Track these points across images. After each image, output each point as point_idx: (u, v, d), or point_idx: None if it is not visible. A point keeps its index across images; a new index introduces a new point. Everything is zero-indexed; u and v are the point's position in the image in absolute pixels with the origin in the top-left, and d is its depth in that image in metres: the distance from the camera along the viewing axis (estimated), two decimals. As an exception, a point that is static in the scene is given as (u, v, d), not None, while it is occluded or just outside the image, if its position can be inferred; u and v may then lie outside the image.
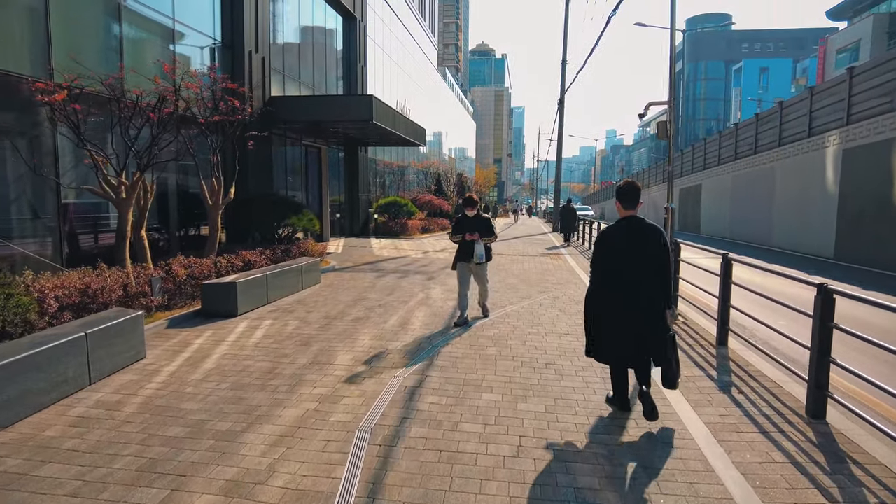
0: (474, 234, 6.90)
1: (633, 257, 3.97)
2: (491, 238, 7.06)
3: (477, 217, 7.09)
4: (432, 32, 43.03)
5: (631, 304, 3.96)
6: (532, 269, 12.52)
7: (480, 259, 6.88)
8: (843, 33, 62.14)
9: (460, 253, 7.07)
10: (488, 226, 7.05)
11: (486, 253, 7.05)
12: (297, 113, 13.55)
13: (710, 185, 26.94)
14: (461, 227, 7.04)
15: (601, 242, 4.17)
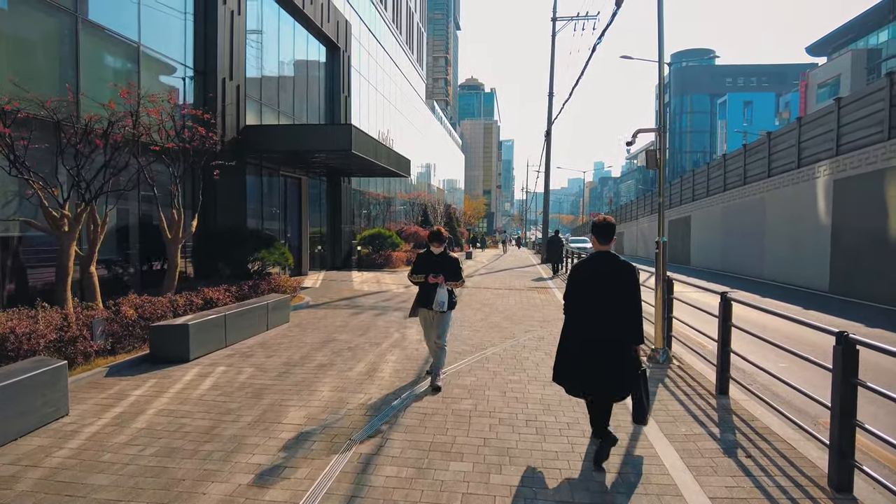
0: (438, 277, 5.68)
1: (604, 293, 4.00)
2: (457, 283, 5.87)
3: (443, 256, 5.84)
4: (420, 66, 43.30)
5: (601, 339, 3.97)
6: (517, 305, 11.89)
7: (441, 307, 5.69)
8: (823, 68, 63.56)
9: (420, 297, 5.87)
10: (455, 268, 5.83)
11: (450, 299, 5.81)
12: (273, 142, 13.06)
13: (700, 217, 26.67)
14: (423, 267, 5.86)
15: (574, 276, 4.22)
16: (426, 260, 5.92)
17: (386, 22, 30.01)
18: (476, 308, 11.37)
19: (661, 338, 7.02)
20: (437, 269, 5.76)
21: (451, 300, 5.86)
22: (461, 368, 6.49)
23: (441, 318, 5.86)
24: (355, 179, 22.60)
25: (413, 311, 6.06)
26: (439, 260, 5.84)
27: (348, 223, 20.45)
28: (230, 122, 12.19)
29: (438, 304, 5.71)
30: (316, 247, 18.93)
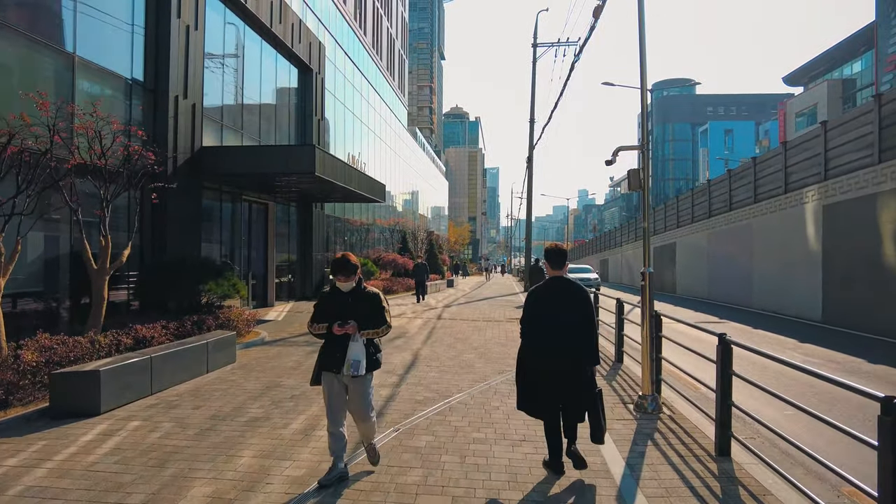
0: (348, 326, 3.98)
1: (559, 316, 4.12)
2: (378, 330, 4.13)
3: (356, 294, 4.16)
4: (402, 92, 43.00)
5: (556, 361, 4.09)
6: (494, 340, 10.96)
7: (356, 370, 3.96)
8: (800, 98, 64.68)
9: (324, 357, 4.14)
10: (374, 309, 4.13)
11: (370, 356, 4.11)
12: (231, 165, 12.19)
13: (685, 244, 26.12)
14: (326, 311, 4.15)
15: (529, 301, 4.31)
16: (331, 301, 4.18)
17: (365, 47, 29.60)
18: (448, 344, 10.42)
19: (649, 383, 6.13)
20: (348, 314, 4.04)
21: (372, 358, 4.13)
22: (418, 423, 5.52)
23: (357, 388, 4.09)
24: (329, 205, 21.73)
25: (315, 377, 4.20)
26: (350, 300, 4.12)
27: (321, 251, 19.49)
28: (184, 142, 11.30)
29: (351, 367, 3.96)
30: (285, 276, 17.92)
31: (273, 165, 12.09)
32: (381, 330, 4.16)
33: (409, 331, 12.13)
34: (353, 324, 4.01)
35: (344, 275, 4.12)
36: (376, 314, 4.14)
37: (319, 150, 12.01)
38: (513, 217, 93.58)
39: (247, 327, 10.51)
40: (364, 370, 4.03)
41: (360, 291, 4.20)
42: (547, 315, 4.16)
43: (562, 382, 4.10)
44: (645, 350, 6.25)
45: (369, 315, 4.11)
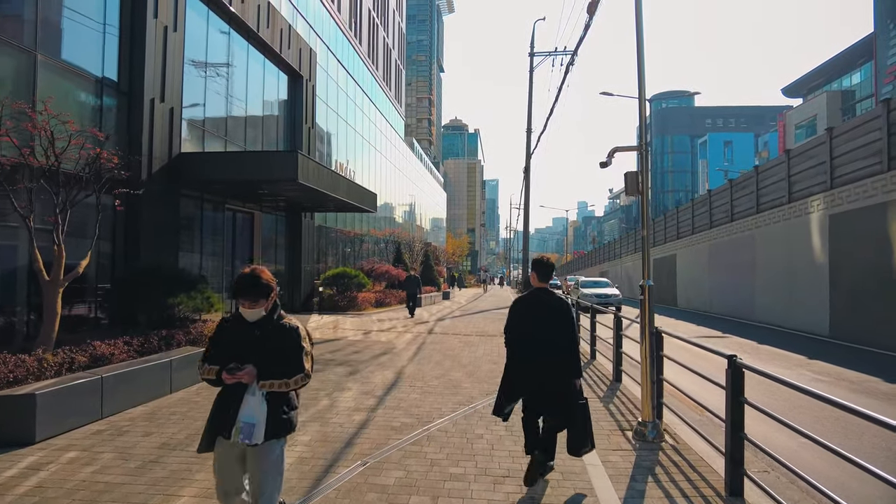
0: (243, 371, 2.76)
1: (542, 327, 4.15)
2: (288, 382, 2.84)
3: (266, 326, 2.92)
4: (399, 103, 42.68)
5: (537, 373, 4.13)
6: (486, 357, 10.34)
7: (247, 436, 2.74)
8: (799, 109, 64.54)
9: (215, 412, 2.89)
10: (289, 349, 2.90)
11: (276, 415, 2.83)
12: (210, 172, 11.65)
13: (686, 255, 25.54)
14: (223, 347, 2.94)
15: (512, 310, 4.38)
16: (231, 334, 2.95)
17: (360, 56, 29.25)
18: (436, 361, 9.80)
19: (650, 408, 5.52)
20: (249, 353, 2.82)
21: (280, 418, 2.83)
22: (390, 455, 4.90)
23: (257, 460, 2.82)
24: (320, 215, 21.18)
25: (203, 442, 2.89)
26: (257, 334, 2.88)
27: (310, 262, 18.91)
28: (160, 147, 10.77)
29: (241, 431, 2.74)
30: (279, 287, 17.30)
31: (254, 172, 11.55)
32: (292, 381, 2.82)
33: (397, 346, 11.51)
34: (250, 369, 2.75)
35: (250, 298, 2.85)
36: (290, 357, 2.85)
37: (303, 157, 11.48)
38: (511, 229, 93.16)
39: (223, 343, 9.90)
40: (262, 437, 2.74)
41: (272, 323, 2.91)
42: (529, 325, 4.23)
43: (545, 392, 4.16)
44: (645, 371, 5.65)
45: (279, 358, 2.83)
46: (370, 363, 9.43)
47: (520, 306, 4.39)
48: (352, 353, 10.54)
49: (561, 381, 4.13)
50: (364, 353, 10.46)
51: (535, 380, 4.15)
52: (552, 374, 4.12)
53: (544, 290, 4.33)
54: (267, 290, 2.94)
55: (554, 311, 4.19)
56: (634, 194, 5.56)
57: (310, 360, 2.97)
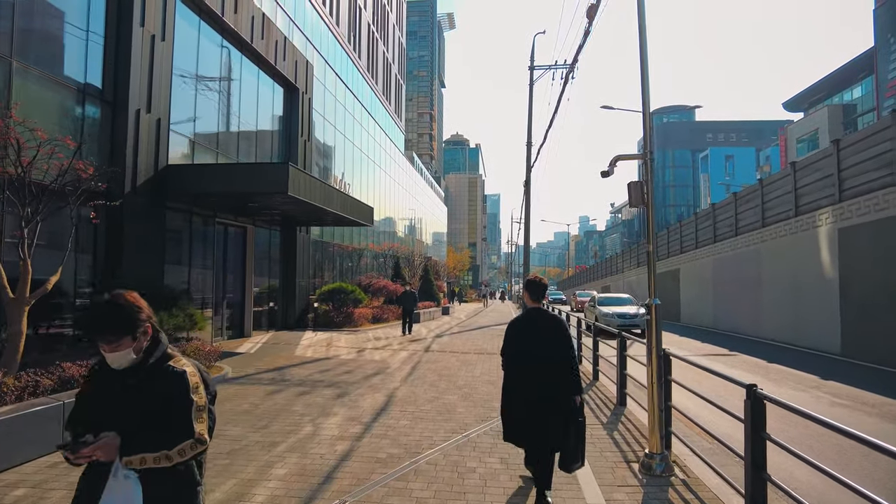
0: (97, 443, 1.82)
1: (539, 347, 4.16)
2: (169, 454, 1.88)
3: (140, 374, 1.99)
4: (399, 117, 42.55)
5: (538, 393, 4.07)
6: (484, 377, 9.85)
7: None
8: (801, 123, 64.39)
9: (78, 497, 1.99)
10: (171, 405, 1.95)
11: (160, 501, 1.92)
12: (199, 184, 11.29)
13: (689, 270, 25.07)
14: (88, 405, 2.03)
15: (509, 332, 4.35)
16: (98, 386, 2.05)
17: (359, 70, 29.10)
18: (431, 382, 9.32)
19: (658, 438, 5.05)
20: (113, 415, 1.94)
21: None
22: (373, 493, 4.43)
23: None
24: (317, 229, 20.81)
25: None
26: (126, 385, 1.98)
27: (305, 277, 18.49)
28: (146, 159, 10.41)
29: None
30: (267, 303, 16.88)
31: (244, 185, 11.17)
32: (174, 452, 1.89)
33: (391, 366, 11.04)
34: (107, 440, 1.85)
35: (107, 336, 1.94)
36: (172, 417, 1.95)
37: (294, 169, 11.10)
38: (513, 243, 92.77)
39: (207, 362, 9.45)
40: None
41: (149, 370, 2.01)
42: (527, 346, 4.21)
43: (545, 414, 4.08)
44: (652, 397, 5.18)
45: (155, 419, 1.93)
46: (361, 385, 8.95)
47: (516, 327, 4.36)
48: (343, 373, 10.06)
49: (563, 400, 4.10)
50: (355, 374, 9.99)
51: (537, 399, 4.09)
52: (554, 393, 4.09)
53: (538, 309, 4.38)
54: (130, 322, 1.96)
55: (549, 329, 4.23)
56: (639, 205, 5.14)
57: (204, 420, 2.00)
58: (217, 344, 10.24)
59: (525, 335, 4.28)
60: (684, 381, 5.53)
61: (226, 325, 14.30)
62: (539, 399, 4.08)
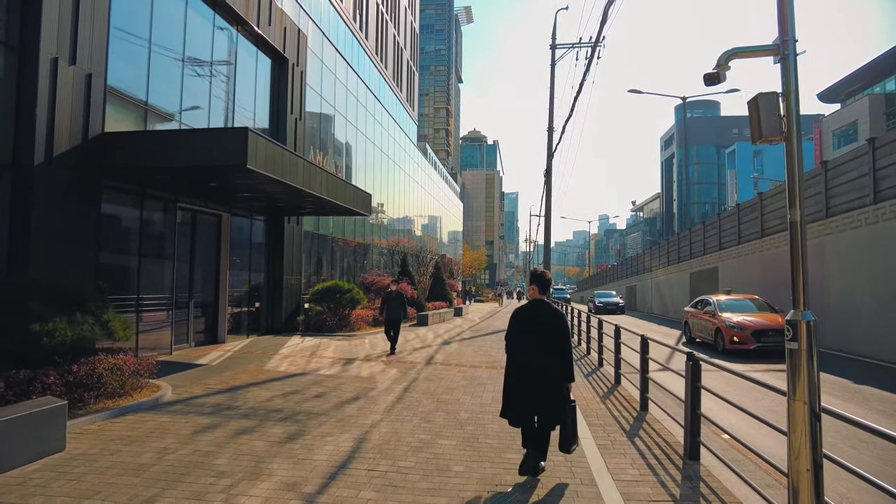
0: None
1: (539, 335, 4.58)
2: None
3: None
4: (411, 107, 40.30)
5: (534, 377, 4.53)
6: (495, 405, 7.46)
7: None
8: (838, 114, 60.68)
9: None
10: None
11: None
12: (137, 155, 9.07)
13: (731, 269, 22.35)
14: None
15: (512, 321, 4.79)
16: None
17: (367, 52, 26.88)
18: (424, 414, 6.97)
19: None
20: None
21: None
22: None
23: None
24: (311, 221, 18.61)
25: None
26: None
27: (295, 274, 16.26)
28: (67, 123, 8.23)
29: None
30: (249, 304, 14.70)
31: (191, 157, 8.89)
32: None
33: (378, 386, 8.72)
34: None
35: None
36: None
37: (256, 136, 8.78)
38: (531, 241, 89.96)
39: (134, 383, 7.24)
40: None
41: None
42: (529, 334, 4.62)
43: (540, 394, 4.53)
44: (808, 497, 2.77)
45: None
46: (328, 418, 6.64)
47: (519, 316, 4.75)
48: (312, 397, 7.77)
49: (555, 384, 4.51)
50: (328, 399, 7.68)
51: (532, 381, 4.53)
52: (547, 377, 4.51)
53: (541, 300, 4.73)
54: None
55: (549, 318, 4.61)
56: (772, 136, 2.77)
57: None
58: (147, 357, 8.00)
59: (527, 323, 4.68)
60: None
61: (193, 329, 12.12)
62: (535, 378, 4.52)
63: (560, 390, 4.50)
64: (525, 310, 4.73)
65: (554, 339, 4.52)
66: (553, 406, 4.50)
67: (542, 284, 4.75)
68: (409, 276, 23.01)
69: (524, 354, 4.59)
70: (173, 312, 11.17)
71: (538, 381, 4.50)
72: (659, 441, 5.84)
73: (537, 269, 4.82)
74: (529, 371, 4.53)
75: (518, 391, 4.59)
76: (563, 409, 4.51)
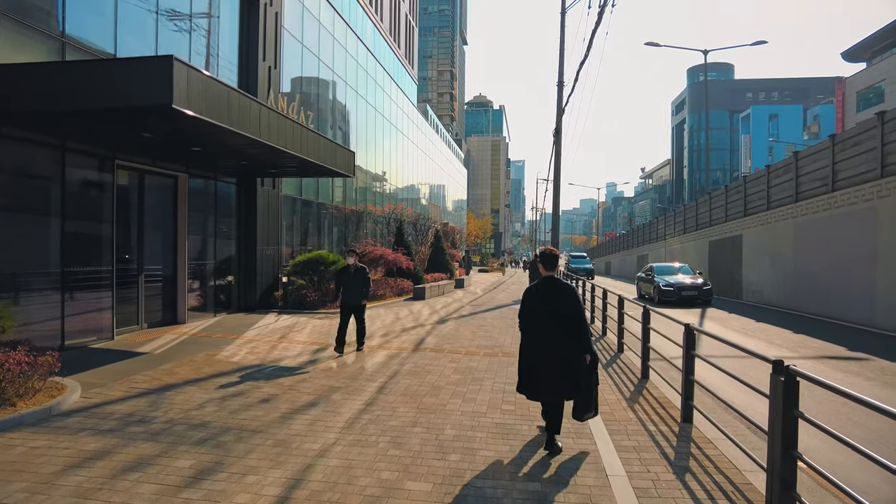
0: None
1: (552, 312, 4.63)
2: None
3: None
4: (411, 65, 37.83)
5: (551, 351, 4.61)
6: (493, 409, 5.73)
7: None
8: (863, 74, 57.55)
9: None
10: None
11: None
12: (24, 93, 7.11)
13: (757, 237, 20.39)
14: None
15: (525, 299, 4.85)
16: None
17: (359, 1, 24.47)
18: (397, 430, 5.25)
19: None
20: None
21: None
22: None
23: None
24: (293, 185, 16.74)
25: None
26: None
27: (272, 244, 14.48)
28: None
29: None
30: (218, 278, 12.97)
31: (101, 95, 6.93)
32: None
33: (346, 384, 7.00)
34: None
35: None
36: None
37: (186, 68, 6.76)
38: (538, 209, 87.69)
39: (21, 387, 5.55)
40: None
41: None
42: (542, 311, 4.66)
43: (557, 370, 4.59)
44: None
45: None
46: (265, 438, 4.92)
47: (533, 293, 4.78)
48: (257, 402, 6.05)
49: (573, 357, 4.58)
50: (277, 404, 5.97)
51: (550, 357, 4.60)
52: (565, 351, 4.57)
53: (552, 277, 4.79)
54: None
55: (563, 294, 4.67)
56: None
57: None
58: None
59: (541, 300, 4.69)
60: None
61: (144, 309, 10.43)
62: (552, 357, 4.59)
63: (578, 365, 4.60)
64: (539, 286, 4.80)
65: (570, 314, 4.61)
66: (573, 379, 4.61)
67: (551, 262, 4.88)
68: (405, 246, 21.19)
69: (539, 331, 4.68)
70: (115, 290, 9.43)
71: (560, 358, 4.59)
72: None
73: (545, 249, 4.94)
74: (547, 347, 4.62)
75: (537, 368, 4.68)
76: (582, 381, 4.64)
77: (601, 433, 5.16)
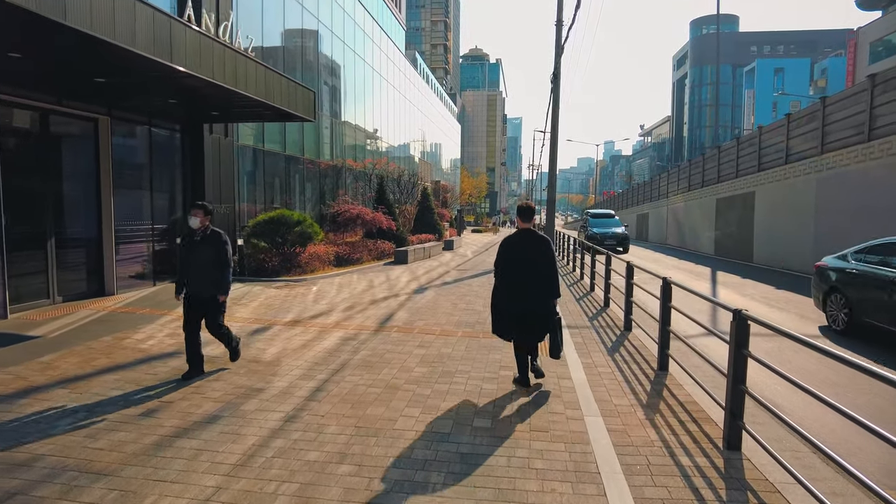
0: None
1: (527, 260, 5.03)
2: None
3: None
4: (398, 9, 35.01)
5: (523, 296, 5.01)
6: (464, 433, 4.09)
7: None
8: (878, 24, 54.52)
9: None
10: None
11: None
12: None
13: (772, 193, 18.61)
14: None
15: (502, 248, 5.20)
16: None
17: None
18: (315, 469, 3.60)
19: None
20: None
21: None
22: None
23: None
24: (250, 131, 14.75)
25: None
26: None
27: (226, 201, 12.61)
28: None
29: None
30: (160, 240, 11.17)
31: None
32: None
33: (271, 383, 5.34)
34: None
35: None
36: None
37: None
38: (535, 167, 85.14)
39: None
40: None
41: None
42: (517, 259, 5.07)
43: (529, 313, 5.04)
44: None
45: None
46: (108, 484, 3.25)
47: (509, 242, 5.16)
48: (135, 416, 4.38)
49: (544, 301, 5.05)
50: (161, 420, 4.30)
51: (523, 299, 5.01)
52: (537, 295, 5.01)
53: (528, 229, 5.16)
54: None
55: (540, 245, 5.05)
56: None
57: None
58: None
59: (517, 248, 5.09)
60: None
61: (58, 279, 8.68)
62: (522, 298, 5.01)
63: (548, 308, 5.07)
64: (515, 237, 5.14)
65: (543, 263, 5.00)
66: (545, 322, 5.08)
67: (527, 214, 5.24)
68: (386, 205, 19.32)
69: (514, 276, 5.04)
70: (5, 257, 7.65)
71: (532, 303, 5.01)
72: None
73: (524, 203, 5.32)
74: (523, 294, 4.99)
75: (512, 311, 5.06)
76: (551, 322, 5.11)
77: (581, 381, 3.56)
